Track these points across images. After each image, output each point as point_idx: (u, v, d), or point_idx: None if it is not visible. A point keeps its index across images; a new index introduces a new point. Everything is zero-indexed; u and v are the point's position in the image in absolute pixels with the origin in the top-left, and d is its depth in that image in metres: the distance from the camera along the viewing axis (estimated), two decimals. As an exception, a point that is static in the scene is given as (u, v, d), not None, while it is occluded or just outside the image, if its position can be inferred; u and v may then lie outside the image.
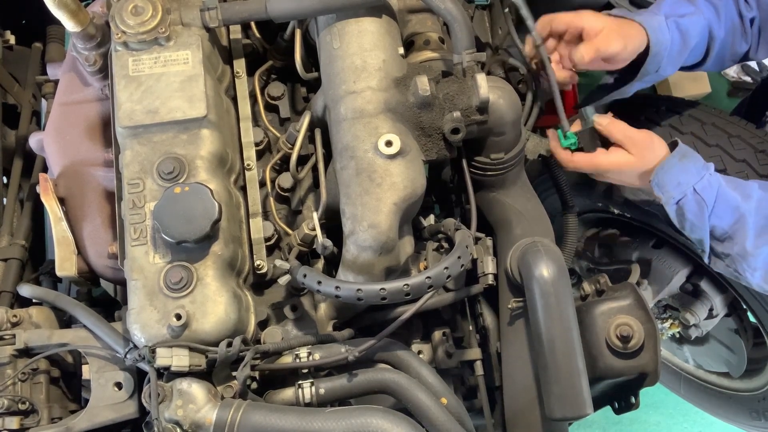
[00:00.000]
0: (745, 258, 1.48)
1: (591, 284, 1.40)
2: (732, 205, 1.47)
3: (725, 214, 1.48)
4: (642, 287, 2.03)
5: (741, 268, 1.51)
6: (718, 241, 1.52)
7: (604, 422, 2.80)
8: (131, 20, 1.25)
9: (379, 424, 1.09)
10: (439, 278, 1.14)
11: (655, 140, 1.51)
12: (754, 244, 1.46)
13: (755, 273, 1.49)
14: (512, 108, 1.27)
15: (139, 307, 1.15)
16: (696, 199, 1.48)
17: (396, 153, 1.18)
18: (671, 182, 1.48)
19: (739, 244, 1.48)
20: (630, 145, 1.48)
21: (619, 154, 1.48)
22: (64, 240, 1.37)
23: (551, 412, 1.21)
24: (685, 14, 1.56)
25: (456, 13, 1.25)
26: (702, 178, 1.48)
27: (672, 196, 1.49)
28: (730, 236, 1.49)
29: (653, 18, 1.53)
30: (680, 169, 1.48)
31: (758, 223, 1.46)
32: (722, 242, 1.51)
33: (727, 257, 1.52)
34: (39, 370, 1.33)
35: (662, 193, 1.50)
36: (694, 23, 1.57)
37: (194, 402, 1.13)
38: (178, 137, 1.24)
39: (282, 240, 1.36)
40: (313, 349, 1.23)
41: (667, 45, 1.54)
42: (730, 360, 2.22)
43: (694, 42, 1.58)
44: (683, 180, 1.48)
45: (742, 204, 1.47)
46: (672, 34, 1.54)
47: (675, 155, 1.49)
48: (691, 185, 1.47)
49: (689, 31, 1.56)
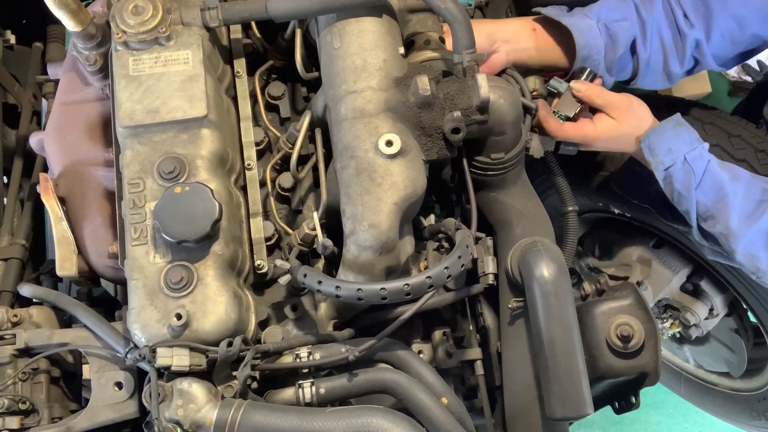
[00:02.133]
0: (728, 238, 1.49)
1: (591, 284, 1.40)
2: (718, 183, 1.48)
3: (710, 191, 1.48)
4: (642, 287, 2.04)
5: (727, 247, 1.51)
6: (702, 219, 1.52)
7: (605, 422, 2.80)
8: (132, 20, 1.25)
9: (380, 423, 1.09)
10: (439, 278, 1.14)
11: (634, 102, 1.52)
12: (737, 225, 1.46)
13: (737, 254, 1.50)
14: (513, 108, 1.27)
15: (140, 306, 1.15)
16: (685, 168, 1.48)
17: (396, 153, 1.18)
18: (662, 147, 1.49)
19: (722, 223, 1.48)
20: (611, 109, 1.49)
21: (604, 121, 1.50)
22: (65, 240, 1.37)
23: (551, 412, 1.21)
24: (618, 20, 1.58)
25: (456, 12, 1.25)
26: (694, 148, 1.49)
27: (662, 162, 1.50)
28: (712, 215, 1.49)
29: (582, 20, 1.56)
30: (673, 134, 1.49)
31: (744, 206, 1.47)
32: (705, 220, 1.51)
33: (714, 234, 1.52)
34: (39, 370, 1.33)
35: (652, 156, 1.50)
36: (625, 30, 1.58)
37: (195, 402, 1.13)
38: (179, 137, 1.24)
39: (282, 240, 1.36)
40: (314, 349, 1.23)
41: (599, 45, 1.56)
42: (731, 360, 2.23)
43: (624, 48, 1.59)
44: (674, 147, 1.49)
45: (729, 183, 1.48)
46: (603, 36, 1.56)
47: (670, 121, 1.50)
48: (682, 153, 1.48)
49: (619, 37, 1.58)
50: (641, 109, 1.52)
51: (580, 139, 1.52)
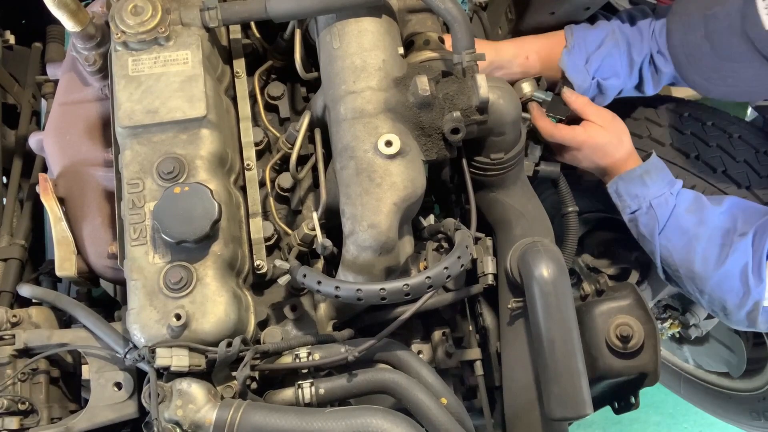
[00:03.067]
0: (693, 279, 1.51)
1: (591, 284, 1.41)
2: (683, 228, 1.50)
3: (674, 236, 1.51)
4: (642, 287, 2.03)
5: (690, 288, 1.54)
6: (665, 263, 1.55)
7: (604, 422, 2.80)
8: (131, 20, 1.25)
9: (379, 424, 1.09)
10: (438, 278, 1.14)
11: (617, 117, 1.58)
12: (702, 268, 1.49)
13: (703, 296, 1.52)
14: (512, 108, 1.27)
15: (139, 307, 1.15)
16: (649, 214, 1.52)
17: (396, 153, 1.18)
18: (628, 194, 1.54)
19: (686, 267, 1.51)
20: (599, 119, 1.55)
21: (593, 128, 1.54)
22: (64, 240, 1.37)
23: (551, 412, 1.21)
24: (609, 77, 1.65)
25: (456, 13, 1.25)
26: (661, 195, 1.52)
27: (628, 206, 1.55)
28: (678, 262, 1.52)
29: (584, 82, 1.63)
30: (639, 183, 1.53)
31: (708, 250, 1.48)
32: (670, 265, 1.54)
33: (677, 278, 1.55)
34: (39, 370, 1.33)
35: (619, 201, 1.56)
36: (614, 86, 1.67)
37: (194, 402, 1.12)
38: (178, 137, 1.23)
39: (282, 240, 1.36)
40: (313, 349, 1.22)
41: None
42: (730, 360, 2.22)
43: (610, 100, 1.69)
44: (641, 193, 1.53)
45: (693, 229, 1.50)
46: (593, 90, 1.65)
47: (638, 170, 1.53)
48: (648, 199, 1.52)
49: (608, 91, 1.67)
50: (622, 124, 1.59)
51: (571, 140, 1.55)
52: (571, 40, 1.65)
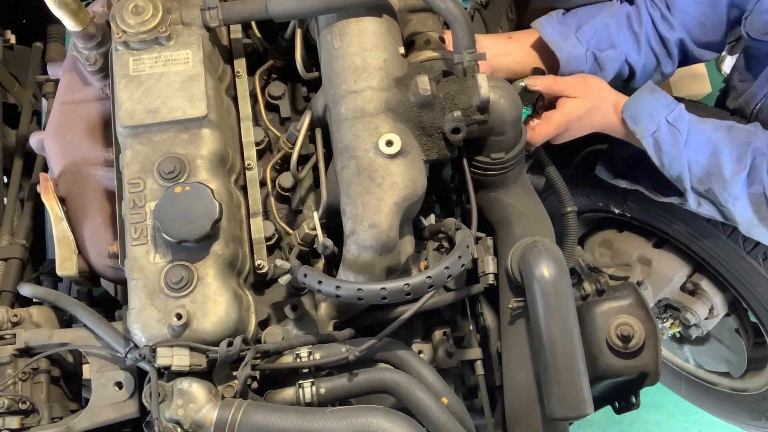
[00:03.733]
0: (725, 187, 1.49)
1: (591, 284, 1.40)
2: (705, 136, 1.50)
3: (699, 146, 1.50)
4: (642, 287, 2.04)
5: (723, 199, 1.51)
6: (697, 178, 1.52)
7: (605, 422, 2.80)
8: (132, 20, 1.25)
9: (380, 423, 1.09)
10: (439, 278, 1.14)
11: (588, 77, 1.56)
12: (732, 170, 1.47)
13: (736, 202, 1.50)
14: (513, 107, 1.27)
15: (140, 306, 1.15)
16: (670, 129, 1.50)
17: (396, 153, 1.18)
18: (644, 113, 1.51)
19: (717, 174, 1.49)
20: (570, 90, 1.53)
21: (568, 103, 1.52)
22: (65, 239, 1.37)
23: (552, 412, 1.21)
24: (606, 48, 1.62)
25: (456, 12, 1.25)
26: (672, 110, 1.51)
27: (646, 128, 1.51)
28: (708, 170, 1.50)
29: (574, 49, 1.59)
30: (651, 100, 1.51)
31: (733, 151, 1.48)
32: (701, 178, 1.52)
33: (709, 192, 1.53)
34: (39, 370, 1.33)
35: (636, 125, 1.52)
36: (613, 59, 1.63)
37: (195, 402, 1.13)
38: (179, 137, 1.24)
39: (282, 240, 1.36)
40: (314, 349, 1.22)
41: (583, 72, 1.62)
42: (731, 360, 2.22)
43: (611, 75, 1.65)
44: (655, 111, 1.51)
45: (714, 134, 1.50)
46: (589, 65, 1.61)
47: (645, 88, 1.53)
48: (663, 116, 1.50)
49: (607, 65, 1.63)
50: (596, 81, 1.56)
51: (553, 130, 1.54)
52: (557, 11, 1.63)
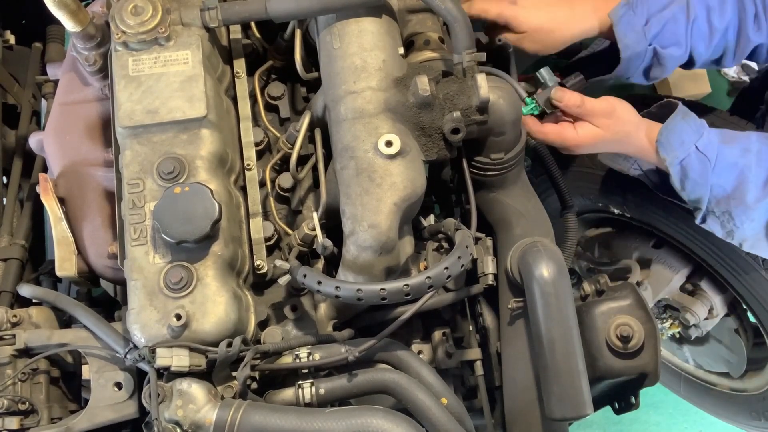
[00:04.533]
0: (745, 212, 1.47)
1: (591, 284, 1.40)
2: (731, 161, 1.46)
3: (725, 171, 1.46)
4: (642, 287, 2.04)
5: (739, 221, 1.48)
6: (716, 201, 1.49)
7: (604, 422, 2.80)
8: (131, 20, 1.25)
9: (380, 424, 1.09)
10: (439, 278, 1.14)
11: (617, 107, 1.47)
12: (755, 197, 1.44)
13: (753, 224, 1.47)
14: (512, 108, 1.27)
15: (139, 307, 1.15)
16: (699, 157, 1.45)
17: (396, 153, 1.18)
18: (676, 141, 1.46)
19: (738, 199, 1.46)
20: (592, 117, 1.45)
21: (587, 129, 1.45)
22: (64, 240, 1.37)
23: (551, 412, 1.21)
24: (669, 46, 1.55)
25: (456, 13, 1.25)
26: (702, 136, 1.46)
27: (677, 156, 1.46)
28: (729, 194, 1.47)
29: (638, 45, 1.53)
30: (684, 126, 1.46)
31: (759, 176, 1.45)
32: (720, 201, 1.49)
33: (724, 213, 1.50)
34: (39, 370, 1.33)
35: (667, 153, 1.47)
36: (675, 57, 1.56)
37: (194, 402, 1.12)
38: (178, 137, 1.23)
39: (282, 240, 1.36)
40: (313, 349, 1.22)
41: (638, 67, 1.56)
42: (730, 360, 2.23)
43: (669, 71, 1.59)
44: (687, 138, 1.46)
45: (741, 159, 1.46)
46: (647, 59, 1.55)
47: (678, 114, 1.47)
48: (693, 143, 1.45)
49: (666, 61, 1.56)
50: (626, 113, 1.47)
51: (559, 144, 1.47)
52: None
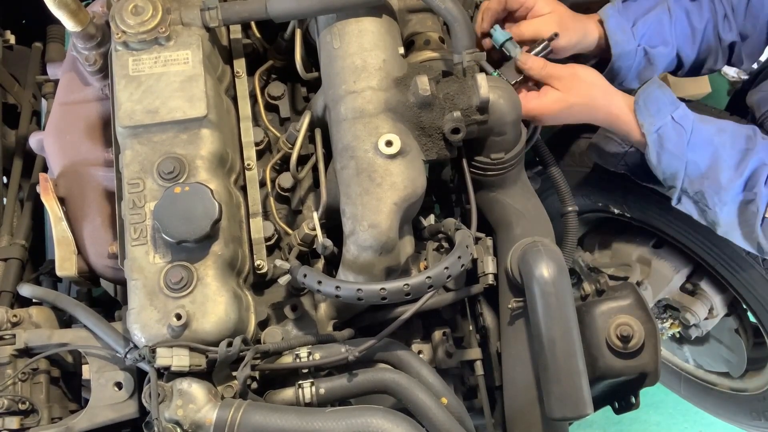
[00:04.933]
0: (717, 192, 1.46)
1: (591, 284, 1.40)
2: (707, 137, 1.46)
3: (700, 148, 1.46)
4: (642, 287, 2.04)
5: (712, 202, 1.48)
6: (690, 180, 1.49)
7: (604, 422, 2.80)
8: (131, 20, 1.25)
9: (380, 424, 1.09)
10: (439, 278, 1.14)
11: (579, 70, 1.47)
12: (729, 177, 1.45)
13: (724, 207, 1.47)
14: (512, 108, 1.27)
15: (139, 306, 1.15)
16: (675, 127, 1.46)
17: (396, 153, 1.18)
18: (653, 107, 1.46)
19: (712, 178, 1.46)
20: (554, 80, 1.44)
21: (549, 94, 1.44)
22: (64, 240, 1.37)
23: (551, 412, 1.21)
24: (657, 45, 1.60)
25: (456, 12, 1.25)
26: (678, 107, 1.47)
27: (653, 123, 1.46)
28: (703, 173, 1.47)
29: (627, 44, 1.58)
30: (659, 96, 1.47)
31: (732, 157, 1.45)
32: (694, 180, 1.49)
33: (698, 193, 1.50)
34: (39, 370, 1.33)
35: (644, 118, 1.47)
36: (664, 55, 1.62)
37: (194, 402, 1.13)
38: (178, 137, 1.24)
39: (282, 240, 1.36)
40: (313, 349, 1.22)
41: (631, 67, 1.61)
42: (730, 360, 2.22)
43: (660, 70, 1.64)
44: (662, 106, 1.47)
45: (715, 137, 1.47)
46: (638, 59, 1.60)
47: (653, 83, 1.49)
48: (669, 114, 1.46)
49: (656, 60, 1.62)
50: (589, 75, 1.47)
51: (524, 113, 1.42)
52: None
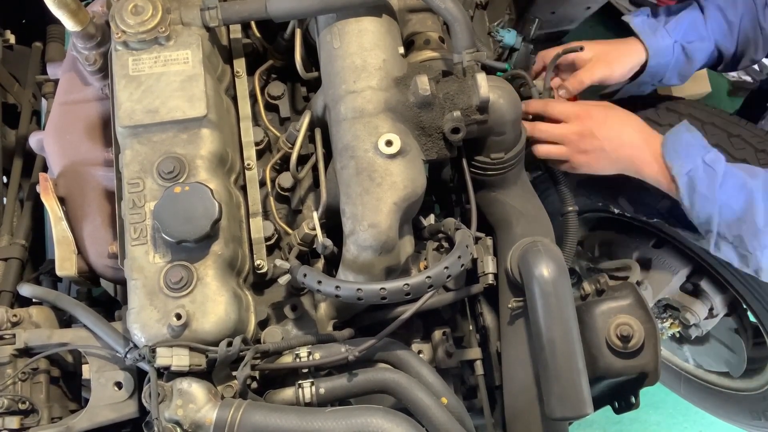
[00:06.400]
0: (756, 236, 1.46)
1: (591, 284, 1.40)
2: (740, 181, 1.46)
3: (734, 191, 1.46)
4: (642, 287, 2.03)
5: (752, 246, 1.48)
6: (726, 224, 1.49)
7: (604, 422, 2.80)
8: (131, 20, 1.25)
9: (380, 423, 1.09)
10: (439, 278, 1.14)
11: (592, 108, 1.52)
12: (765, 220, 1.44)
13: (765, 251, 1.47)
14: (512, 107, 1.27)
15: (139, 306, 1.15)
16: (706, 169, 1.46)
17: (396, 152, 1.18)
18: (682, 149, 1.47)
19: (749, 222, 1.46)
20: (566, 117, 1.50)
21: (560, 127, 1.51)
22: (64, 240, 1.37)
23: (551, 412, 1.21)
24: (694, 40, 1.62)
25: (456, 12, 1.25)
26: (709, 151, 1.48)
27: (683, 165, 1.47)
28: (740, 216, 1.47)
29: (662, 40, 1.60)
30: (690, 138, 1.48)
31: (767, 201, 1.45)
32: (731, 224, 1.49)
33: (737, 238, 1.49)
34: (39, 370, 1.33)
35: (674, 161, 1.48)
36: (702, 50, 1.64)
37: (194, 402, 1.13)
38: (178, 137, 1.24)
39: (282, 240, 1.36)
40: (313, 349, 1.23)
41: (669, 64, 1.63)
42: (730, 360, 2.22)
43: (700, 65, 1.66)
44: (693, 150, 1.48)
45: (749, 180, 1.47)
46: (677, 55, 1.61)
47: (682, 126, 1.51)
48: (700, 156, 1.47)
49: (695, 55, 1.64)
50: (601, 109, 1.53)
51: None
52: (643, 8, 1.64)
